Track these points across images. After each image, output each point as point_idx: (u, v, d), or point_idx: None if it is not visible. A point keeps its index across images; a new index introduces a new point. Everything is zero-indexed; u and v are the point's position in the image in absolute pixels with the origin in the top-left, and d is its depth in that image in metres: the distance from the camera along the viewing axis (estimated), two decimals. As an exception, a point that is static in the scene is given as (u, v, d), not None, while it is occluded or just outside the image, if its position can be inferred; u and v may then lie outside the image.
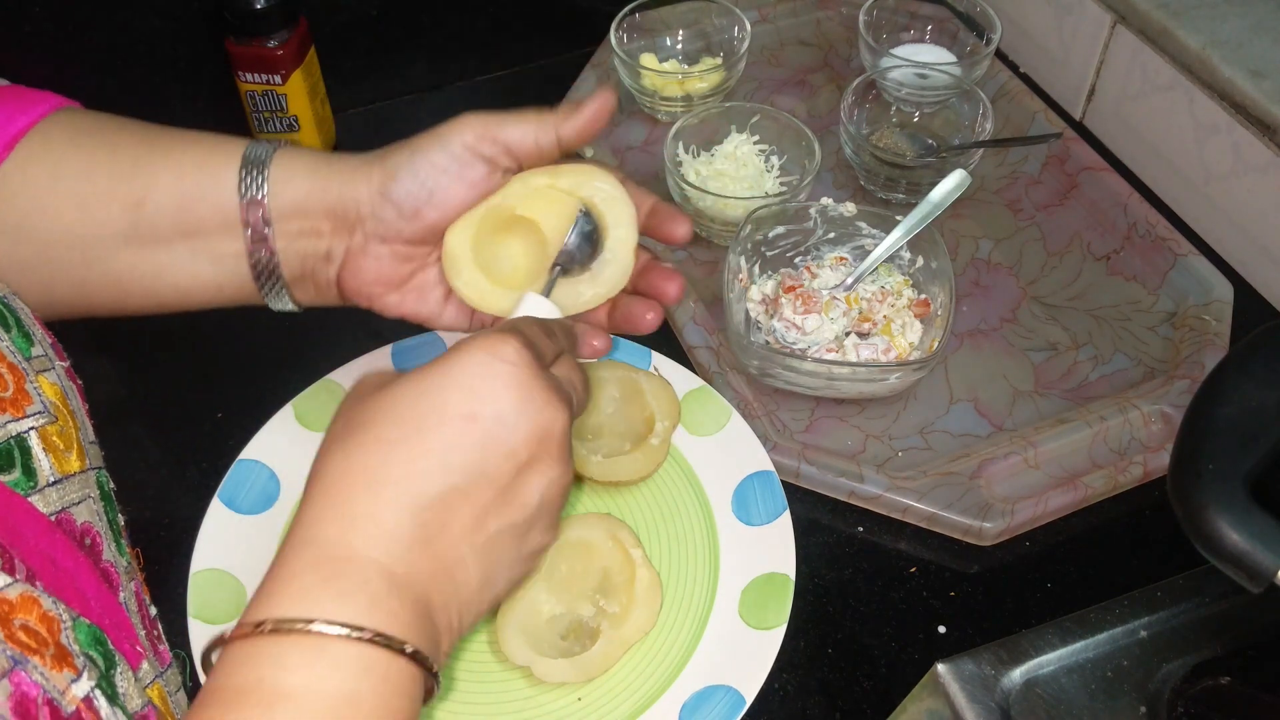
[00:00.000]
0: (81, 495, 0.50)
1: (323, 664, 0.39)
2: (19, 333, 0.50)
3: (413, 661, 0.41)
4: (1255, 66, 0.80)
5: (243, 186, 0.55)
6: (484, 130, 0.55)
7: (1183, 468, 0.47)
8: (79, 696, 0.41)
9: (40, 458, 0.47)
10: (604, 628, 0.62)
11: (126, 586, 0.51)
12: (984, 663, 0.54)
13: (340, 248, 0.57)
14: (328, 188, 0.55)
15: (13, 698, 0.38)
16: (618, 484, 0.69)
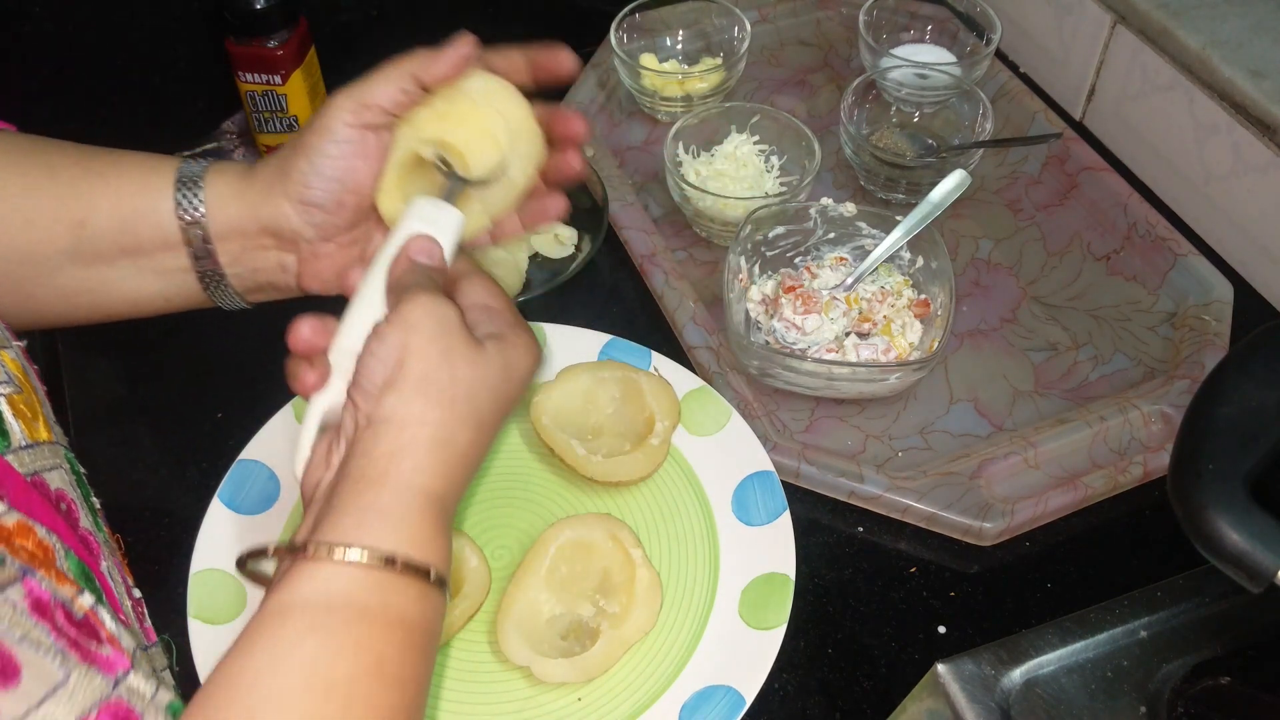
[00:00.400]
0: (53, 464, 0.51)
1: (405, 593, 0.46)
2: None
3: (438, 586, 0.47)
4: (1255, 66, 0.80)
5: (179, 210, 0.57)
6: (355, 104, 0.57)
7: (1183, 468, 0.47)
8: (85, 606, 0.44)
9: (10, 421, 0.49)
10: (604, 628, 0.62)
11: (108, 558, 0.52)
12: (984, 663, 0.54)
13: (291, 259, 0.59)
14: (257, 208, 0.58)
15: (28, 599, 0.41)
16: (618, 484, 0.69)
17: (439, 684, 0.62)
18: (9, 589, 0.41)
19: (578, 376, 0.73)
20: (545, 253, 0.85)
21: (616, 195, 0.86)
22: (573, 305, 0.81)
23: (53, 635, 0.41)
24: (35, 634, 0.40)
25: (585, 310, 0.81)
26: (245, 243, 0.59)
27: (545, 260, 0.85)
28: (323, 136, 0.57)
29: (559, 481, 0.71)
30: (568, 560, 0.65)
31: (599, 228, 0.82)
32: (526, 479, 0.71)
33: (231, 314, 0.83)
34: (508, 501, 0.70)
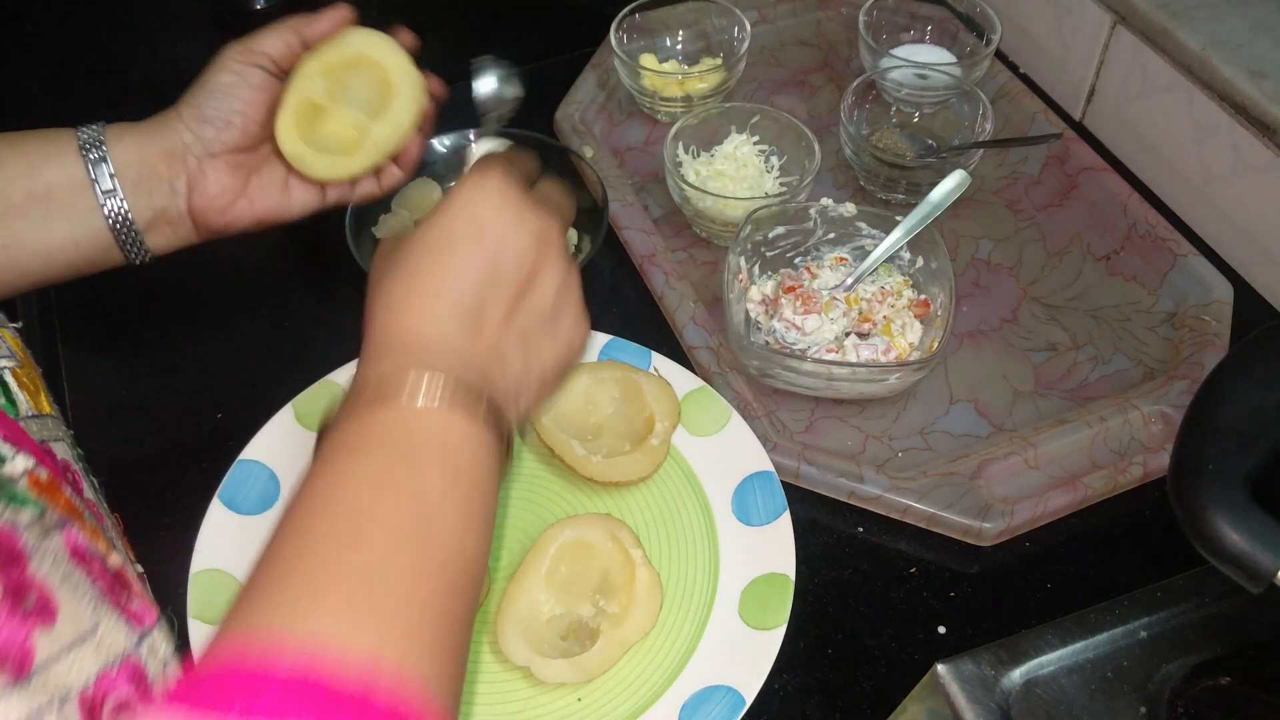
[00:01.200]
0: (57, 435, 0.53)
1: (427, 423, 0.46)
2: None
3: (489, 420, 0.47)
4: (1255, 66, 0.80)
5: (83, 149, 0.62)
6: (243, 48, 0.65)
7: (1183, 468, 0.47)
8: (117, 563, 0.46)
9: (17, 393, 0.51)
10: (604, 628, 0.62)
11: (111, 530, 0.53)
12: (984, 663, 0.54)
13: (180, 180, 0.65)
14: (152, 136, 0.64)
15: (68, 546, 0.43)
16: (618, 484, 0.69)
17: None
18: (53, 535, 0.43)
19: (578, 376, 0.73)
20: (545, 253, 0.84)
21: (616, 195, 0.86)
22: (573, 305, 0.81)
23: (89, 581, 0.43)
24: (74, 578, 0.42)
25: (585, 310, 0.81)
26: (142, 169, 0.64)
27: (545, 260, 0.85)
28: (214, 71, 0.65)
29: (559, 481, 0.71)
30: (568, 560, 0.65)
31: (599, 228, 0.82)
32: (527, 479, 0.71)
33: (232, 314, 0.83)
34: (507, 501, 0.70)
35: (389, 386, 0.46)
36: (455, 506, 0.45)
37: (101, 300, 0.84)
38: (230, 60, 0.65)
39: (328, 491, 0.44)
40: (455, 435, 0.46)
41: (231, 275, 0.86)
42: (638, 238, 0.84)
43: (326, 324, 0.83)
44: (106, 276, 0.85)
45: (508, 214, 0.51)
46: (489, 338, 0.50)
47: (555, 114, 0.95)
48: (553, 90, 0.97)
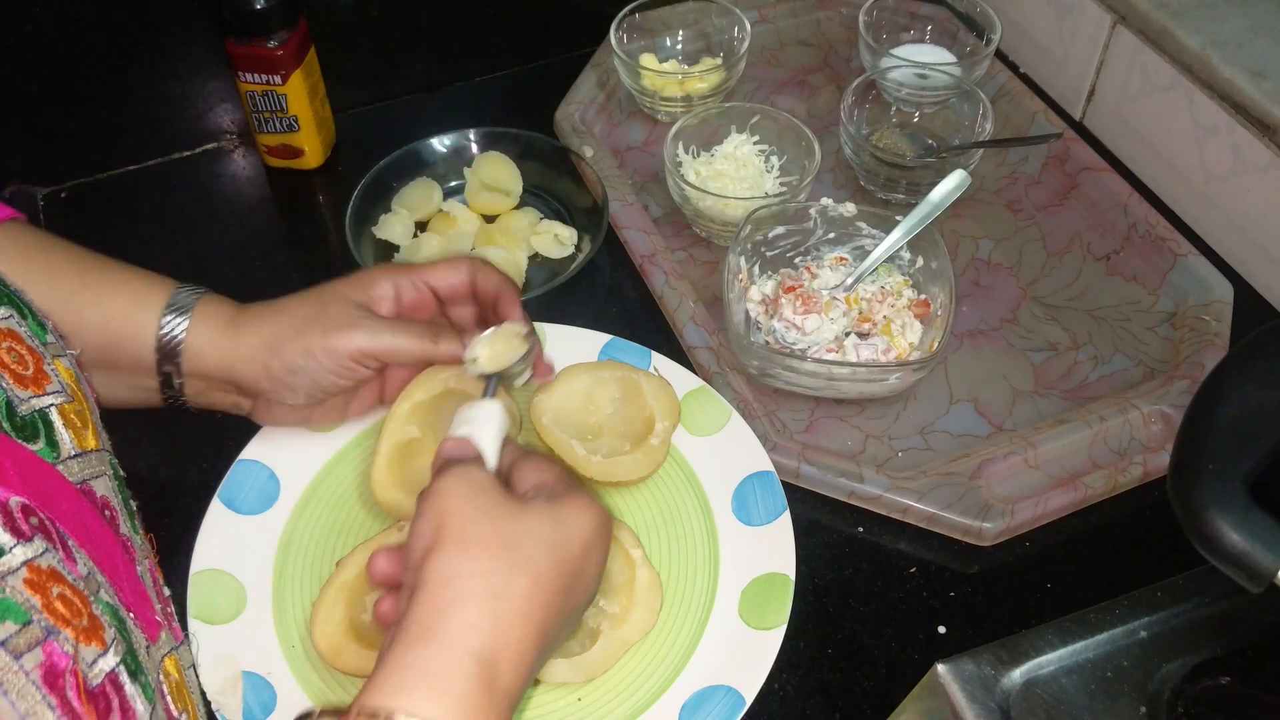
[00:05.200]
0: (99, 471, 0.52)
1: None
2: (34, 321, 0.52)
3: None
4: (1255, 66, 0.80)
5: (160, 340, 0.62)
6: (368, 346, 0.62)
7: (1183, 468, 0.47)
8: (105, 670, 0.43)
9: (61, 432, 0.50)
10: (604, 628, 0.62)
11: (142, 562, 0.53)
12: (984, 663, 0.54)
13: (247, 403, 0.66)
14: (235, 364, 0.62)
15: (43, 666, 0.40)
16: (618, 484, 0.69)
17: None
18: (25, 656, 0.40)
19: (578, 376, 0.73)
20: (545, 253, 0.85)
21: (616, 195, 0.86)
22: (573, 305, 0.81)
23: (58, 710, 0.40)
24: (39, 710, 0.40)
25: (585, 310, 0.81)
26: (212, 383, 0.64)
27: (545, 260, 0.85)
28: (327, 354, 0.62)
29: (559, 481, 0.71)
30: (568, 560, 0.65)
31: (599, 228, 0.82)
32: (526, 479, 0.71)
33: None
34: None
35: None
36: None
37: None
38: (345, 354, 0.61)
39: None
40: None
41: (232, 275, 0.86)
42: (638, 238, 0.84)
43: (326, 324, 0.82)
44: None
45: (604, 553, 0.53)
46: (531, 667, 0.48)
47: (555, 114, 0.95)
48: (553, 90, 0.97)
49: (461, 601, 0.46)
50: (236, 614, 0.63)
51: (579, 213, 0.87)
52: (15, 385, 0.48)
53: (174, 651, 0.53)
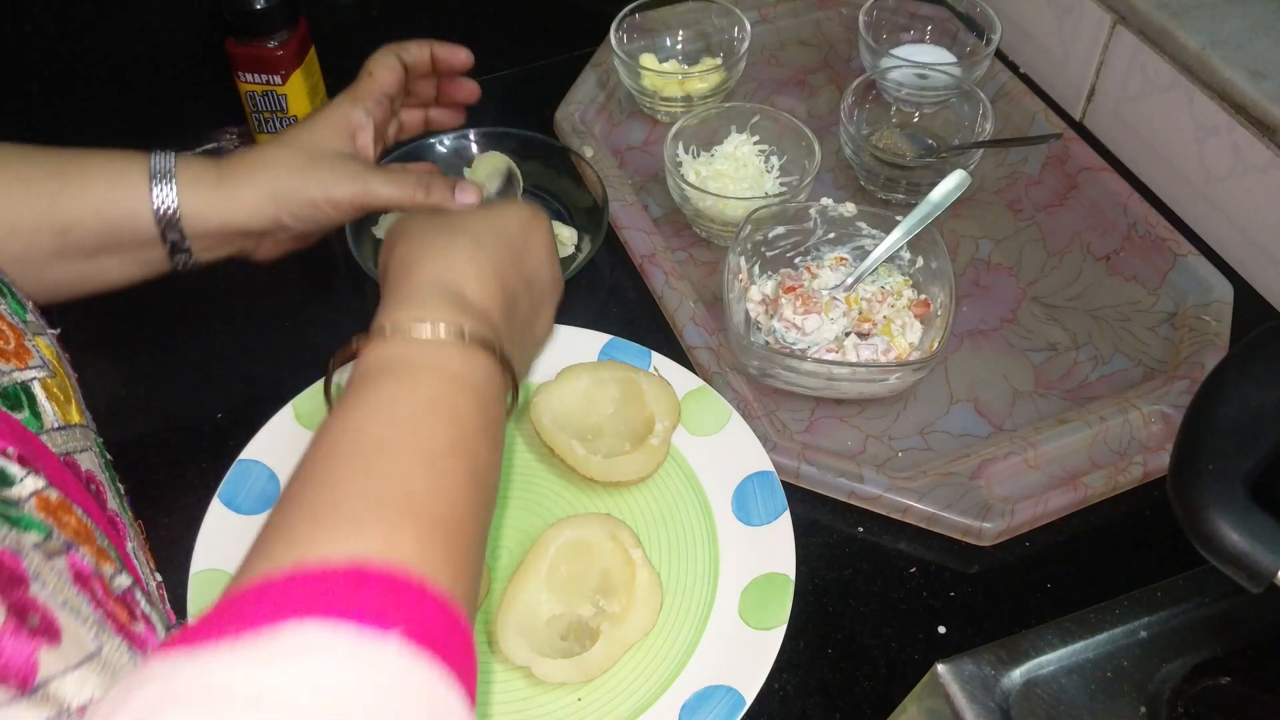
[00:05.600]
0: (84, 445, 0.53)
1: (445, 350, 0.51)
2: (13, 299, 0.53)
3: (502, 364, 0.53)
4: (1255, 66, 0.80)
5: (157, 214, 0.63)
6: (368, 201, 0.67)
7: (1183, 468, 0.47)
8: (123, 586, 0.46)
9: (44, 404, 0.51)
10: (604, 628, 0.62)
11: (133, 539, 0.53)
12: (984, 663, 0.54)
13: (252, 245, 0.69)
14: (240, 220, 0.66)
15: (71, 569, 0.43)
16: (618, 484, 0.69)
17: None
18: (56, 559, 0.42)
19: (578, 376, 0.73)
20: (545, 253, 0.85)
21: (616, 195, 0.86)
22: (573, 305, 0.81)
23: (91, 605, 0.43)
24: (76, 602, 0.42)
25: (585, 310, 0.81)
26: (219, 238, 0.66)
27: (545, 260, 0.85)
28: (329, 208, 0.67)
29: (559, 481, 0.71)
30: (568, 560, 0.65)
31: (599, 228, 0.82)
32: (526, 479, 0.71)
33: (232, 313, 0.83)
34: (507, 502, 0.70)
35: (419, 327, 0.50)
36: (483, 434, 0.49)
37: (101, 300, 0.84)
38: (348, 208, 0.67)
39: (373, 411, 0.48)
40: (481, 373, 0.51)
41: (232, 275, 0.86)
42: (638, 238, 0.84)
43: (326, 324, 0.83)
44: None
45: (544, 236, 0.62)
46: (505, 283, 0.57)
47: (555, 114, 0.95)
48: (553, 90, 0.97)
49: (417, 263, 0.55)
50: (236, 614, 0.63)
51: (579, 213, 0.87)
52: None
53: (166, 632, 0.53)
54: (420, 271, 0.54)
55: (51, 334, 0.56)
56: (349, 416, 0.48)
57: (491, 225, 0.59)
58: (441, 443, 0.47)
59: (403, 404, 0.48)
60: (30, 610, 0.39)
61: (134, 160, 0.63)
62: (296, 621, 0.36)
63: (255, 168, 0.66)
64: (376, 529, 0.42)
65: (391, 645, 0.37)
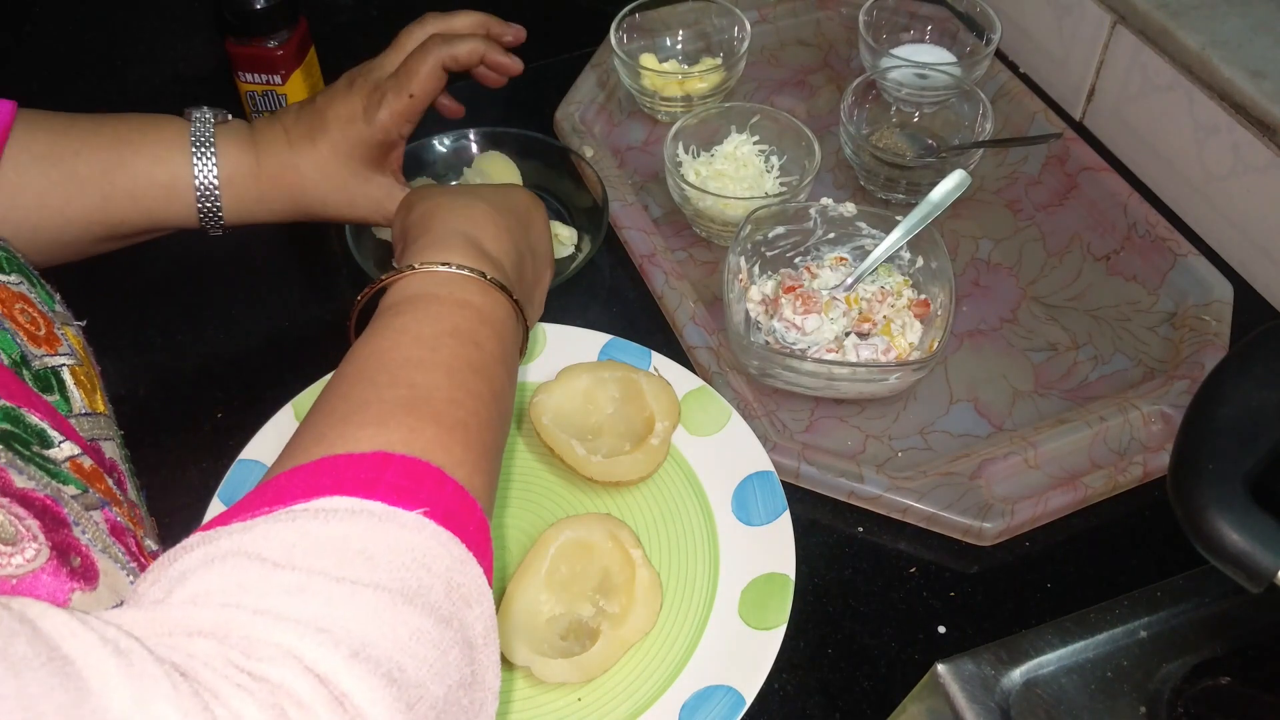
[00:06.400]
0: (108, 434, 0.54)
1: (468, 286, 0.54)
2: (41, 289, 0.55)
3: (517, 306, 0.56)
4: (1255, 66, 0.80)
5: (201, 214, 0.69)
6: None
7: (1183, 468, 0.47)
8: (152, 548, 0.49)
9: (72, 390, 0.52)
10: (604, 628, 0.62)
11: (150, 533, 0.54)
12: (984, 663, 0.54)
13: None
14: (265, 215, 0.71)
15: (107, 522, 0.46)
16: (618, 484, 0.69)
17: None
18: (93, 511, 0.45)
19: (578, 376, 0.73)
20: (545, 253, 0.85)
21: (616, 195, 0.86)
22: (573, 305, 0.81)
23: (126, 555, 0.45)
24: (113, 550, 0.44)
25: (585, 310, 0.81)
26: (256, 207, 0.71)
27: (545, 260, 0.85)
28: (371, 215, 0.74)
29: (559, 481, 0.71)
30: (568, 560, 0.65)
31: (599, 228, 0.82)
32: (526, 479, 0.71)
33: (232, 313, 0.83)
34: (507, 502, 0.70)
35: (443, 266, 0.54)
36: (501, 361, 0.53)
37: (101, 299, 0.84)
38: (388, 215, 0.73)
39: (400, 331, 0.51)
40: (500, 309, 0.55)
41: (231, 275, 0.86)
42: (638, 238, 0.84)
43: (326, 324, 0.83)
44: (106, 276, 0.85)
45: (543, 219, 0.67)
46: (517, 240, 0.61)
47: (555, 114, 0.95)
48: (553, 90, 0.97)
49: (436, 216, 0.58)
50: (236, 614, 0.63)
51: (579, 213, 0.87)
52: (29, 343, 0.51)
53: None
54: (443, 222, 0.58)
55: (78, 325, 0.57)
56: (379, 338, 0.51)
57: (503, 196, 0.63)
58: (463, 361, 0.50)
59: (428, 326, 0.51)
60: (72, 551, 0.42)
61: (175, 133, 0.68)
62: (325, 498, 0.39)
63: (293, 191, 0.71)
64: (400, 427, 0.45)
65: (413, 518, 0.40)
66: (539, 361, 0.76)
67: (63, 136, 0.65)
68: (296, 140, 0.70)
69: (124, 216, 0.67)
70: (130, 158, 0.66)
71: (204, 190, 0.68)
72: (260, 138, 0.70)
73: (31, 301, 0.53)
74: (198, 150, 0.67)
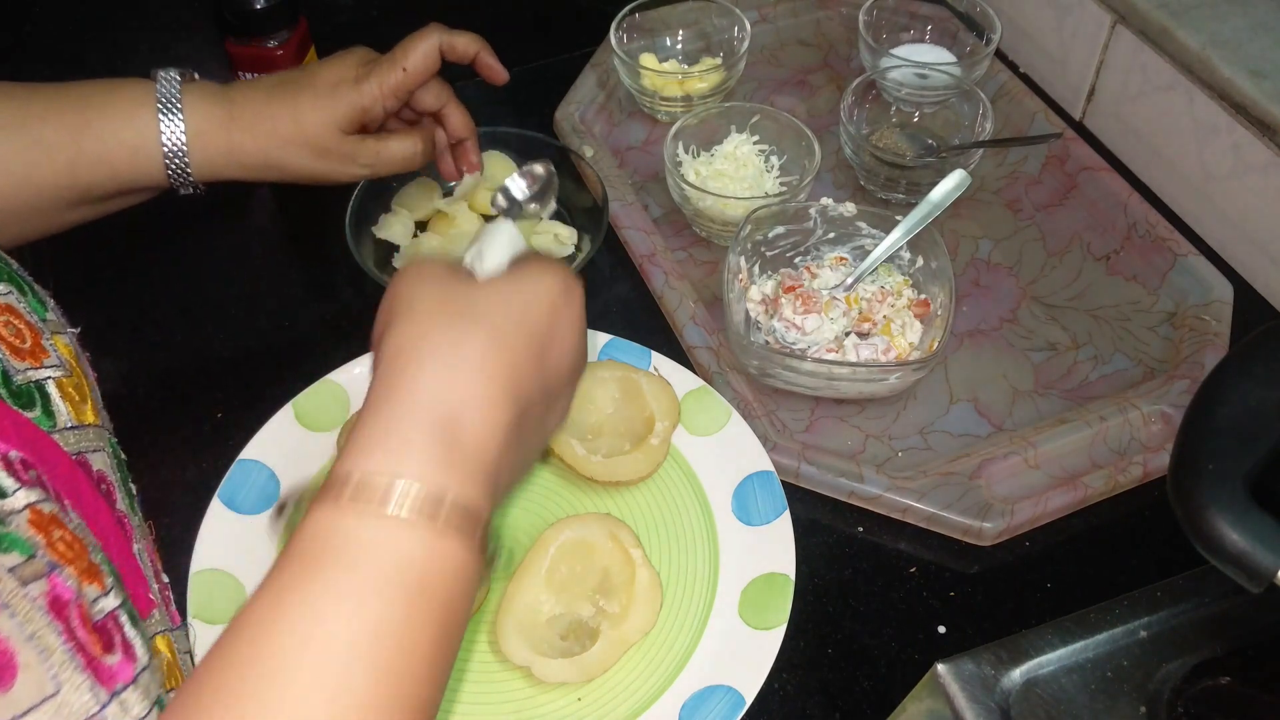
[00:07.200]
0: (97, 445, 0.53)
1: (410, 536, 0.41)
2: (34, 297, 0.54)
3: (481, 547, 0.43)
4: (1255, 66, 0.80)
5: (169, 169, 0.69)
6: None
7: (1183, 468, 0.47)
8: (106, 609, 0.45)
9: (58, 403, 0.51)
10: (604, 628, 0.62)
11: (139, 541, 0.53)
12: (984, 663, 0.54)
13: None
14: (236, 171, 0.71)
15: (48, 595, 0.41)
16: (618, 484, 0.69)
17: (439, 684, 0.62)
18: (32, 584, 0.41)
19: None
20: (545, 252, 0.85)
21: (616, 195, 0.86)
22: (573, 305, 0.81)
23: (63, 636, 0.41)
24: (45, 633, 0.40)
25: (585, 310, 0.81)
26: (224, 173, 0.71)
27: (545, 260, 0.85)
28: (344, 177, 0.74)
29: (559, 481, 0.71)
30: (568, 560, 0.65)
31: (599, 228, 0.82)
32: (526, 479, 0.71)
33: (232, 313, 0.83)
34: (507, 501, 0.70)
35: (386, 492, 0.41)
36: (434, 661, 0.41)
37: (100, 299, 0.84)
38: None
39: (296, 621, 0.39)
40: (450, 566, 0.41)
41: (232, 274, 0.86)
42: (638, 237, 0.84)
43: (326, 324, 0.83)
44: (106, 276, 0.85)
45: (576, 316, 0.50)
46: (507, 426, 0.45)
47: (555, 114, 0.95)
48: (553, 90, 0.97)
49: (414, 365, 0.44)
50: (236, 614, 0.63)
51: (579, 213, 0.87)
52: (11, 357, 0.50)
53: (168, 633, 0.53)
54: (414, 387, 0.43)
55: (72, 333, 0.57)
56: (277, 612, 0.39)
57: (515, 311, 0.47)
58: (376, 690, 0.38)
59: (342, 624, 0.38)
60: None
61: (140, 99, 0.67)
62: None
63: (265, 140, 0.70)
64: None
65: None
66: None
67: (26, 104, 0.65)
68: (277, 93, 0.70)
69: (93, 179, 0.67)
70: (95, 119, 0.66)
71: (171, 147, 0.68)
72: (236, 91, 0.70)
73: (19, 312, 0.52)
74: (164, 107, 0.67)
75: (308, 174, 0.73)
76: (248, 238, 0.89)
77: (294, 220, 0.91)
